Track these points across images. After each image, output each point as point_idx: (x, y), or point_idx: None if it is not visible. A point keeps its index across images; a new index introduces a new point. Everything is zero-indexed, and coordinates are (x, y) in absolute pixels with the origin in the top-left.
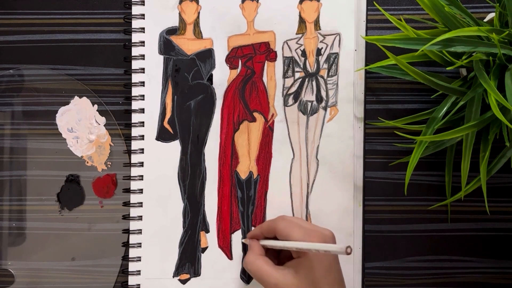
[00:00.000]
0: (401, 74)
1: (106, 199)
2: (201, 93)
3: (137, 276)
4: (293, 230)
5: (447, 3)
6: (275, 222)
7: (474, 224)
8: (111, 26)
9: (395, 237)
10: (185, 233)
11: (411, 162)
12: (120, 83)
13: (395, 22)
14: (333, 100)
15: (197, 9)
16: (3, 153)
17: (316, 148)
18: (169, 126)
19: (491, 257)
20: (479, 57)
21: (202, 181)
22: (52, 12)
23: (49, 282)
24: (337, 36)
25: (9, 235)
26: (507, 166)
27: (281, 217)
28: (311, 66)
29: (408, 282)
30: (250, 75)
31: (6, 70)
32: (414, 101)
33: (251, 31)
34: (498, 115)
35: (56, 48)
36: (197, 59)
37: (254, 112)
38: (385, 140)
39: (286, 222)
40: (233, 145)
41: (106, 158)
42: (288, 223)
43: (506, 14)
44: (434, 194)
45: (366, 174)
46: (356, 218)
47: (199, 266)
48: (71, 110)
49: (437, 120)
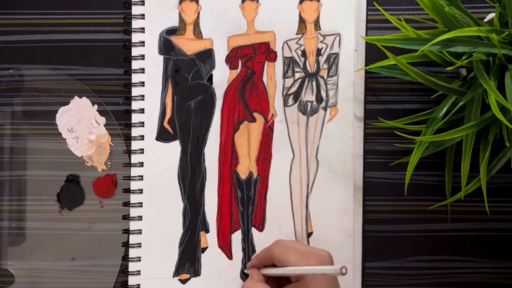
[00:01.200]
0: (401, 74)
1: (106, 199)
2: (201, 93)
3: (137, 276)
4: (289, 255)
5: (447, 3)
6: (271, 249)
7: (474, 224)
8: (111, 26)
9: (395, 237)
10: (185, 233)
11: (411, 162)
12: (120, 83)
13: (395, 22)
14: (333, 101)
15: (197, 9)
16: (3, 153)
17: (316, 148)
18: (169, 126)
19: (491, 257)
20: (479, 57)
21: (202, 181)
22: (52, 12)
23: (49, 282)
24: (337, 36)
25: (9, 235)
26: (507, 166)
27: (276, 243)
28: (311, 66)
29: (408, 282)
30: (250, 75)
31: (6, 70)
32: (414, 101)
33: (251, 31)
34: (498, 115)
35: (56, 48)
36: (197, 59)
37: (254, 112)
38: (385, 140)
39: (281, 247)
40: (233, 145)
41: (106, 158)
42: (284, 248)
43: (506, 14)
44: (434, 194)
45: (366, 174)
46: (356, 218)
47: (199, 266)
48: (71, 110)
49: (437, 120)
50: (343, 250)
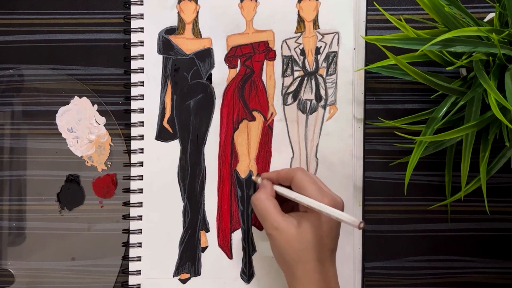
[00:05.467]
0: (401, 74)
1: (106, 199)
2: (200, 93)
3: (137, 275)
4: (308, 184)
5: (447, 3)
6: (294, 171)
7: (474, 224)
8: (111, 26)
9: (395, 237)
10: (185, 232)
11: (411, 162)
12: (120, 83)
13: (395, 22)
14: (332, 99)
15: (196, 8)
16: (3, 153)
17: (315, 146)
18: (168, 125)
19: (491, 257)
20: (479, 57)
21: (202, 181)
22: (52, 12)
23: (49, 282)
24: (336, 35)
25: (9, 235)
26: (507, 166)
27: (300, 168)
28: (310, 65)
29: (408, 282)
30: (249, 74)
31: (6, 70)
32: (414, 101)
33: (250, 30)
34: (498, 115)
35: (56, 48)
36: (196, 59)
37: (253, 111)
38: (385, 140)
39: (304, 174)
40: (233, 144)
41: (106, 158)
42: (306, 177)
43: (506, 14)
44: (434, 194)
45: (366, 174)
46: (356, 218)
47: (199, 265)
48: (71, 110)
49: (437, 120)
50: (343, 250)
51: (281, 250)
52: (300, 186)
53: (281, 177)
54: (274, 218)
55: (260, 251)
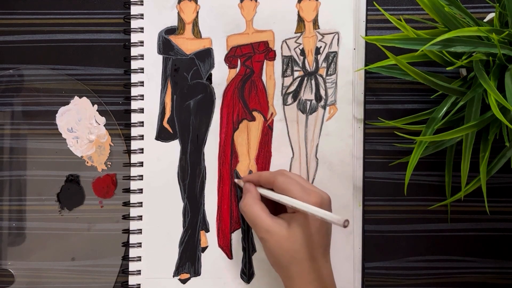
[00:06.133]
0: (401, 74)
1: (106, 199)
2: (200, 93)
3: (137, 276)
4: (292, 186)
5: (447, 3)
6: (275, 175)
7: (474, 224)
8: (111, 26)
9: (395, 237)
10: (185, 232)
11: (411, 162)
12: (120, 83)
13: (395, 22)
14: (332, 99)
15: (196, 8)
16: (3, 153)
17: (315, 147)
18: (168, 125)
19: (491, 257)
20: (479, 57)
21: (202, 181)
22: (52, 12)
23: (49, 282)
24: (336, 35)
25: (9, 235)
26: (507, 166)
27: (281, 171)
28: (310, 65)
29: (408, 282)
30: (249, 74)
31: (6, 70)
32: (414, 101)
33: (250, 30)
34: (498, 115)
35: (56, 48)
36: (196, 59)
37: (253, 111)
38: (385, 140)
39: (285, 177)
40: (233, 144)
41: (106, 158)
42: (288, 179)
43: (506, 14)
44: (434, 194)
45: (366, 174)
46: (356, 218)
47: (199, 265)
48: (71, 110)
49: (437, 120)
50: (343, 250)
51: (273, 252)
52: (283, 189)
53: (263, 180)
54: (264, 222)
55: (260, 251)
